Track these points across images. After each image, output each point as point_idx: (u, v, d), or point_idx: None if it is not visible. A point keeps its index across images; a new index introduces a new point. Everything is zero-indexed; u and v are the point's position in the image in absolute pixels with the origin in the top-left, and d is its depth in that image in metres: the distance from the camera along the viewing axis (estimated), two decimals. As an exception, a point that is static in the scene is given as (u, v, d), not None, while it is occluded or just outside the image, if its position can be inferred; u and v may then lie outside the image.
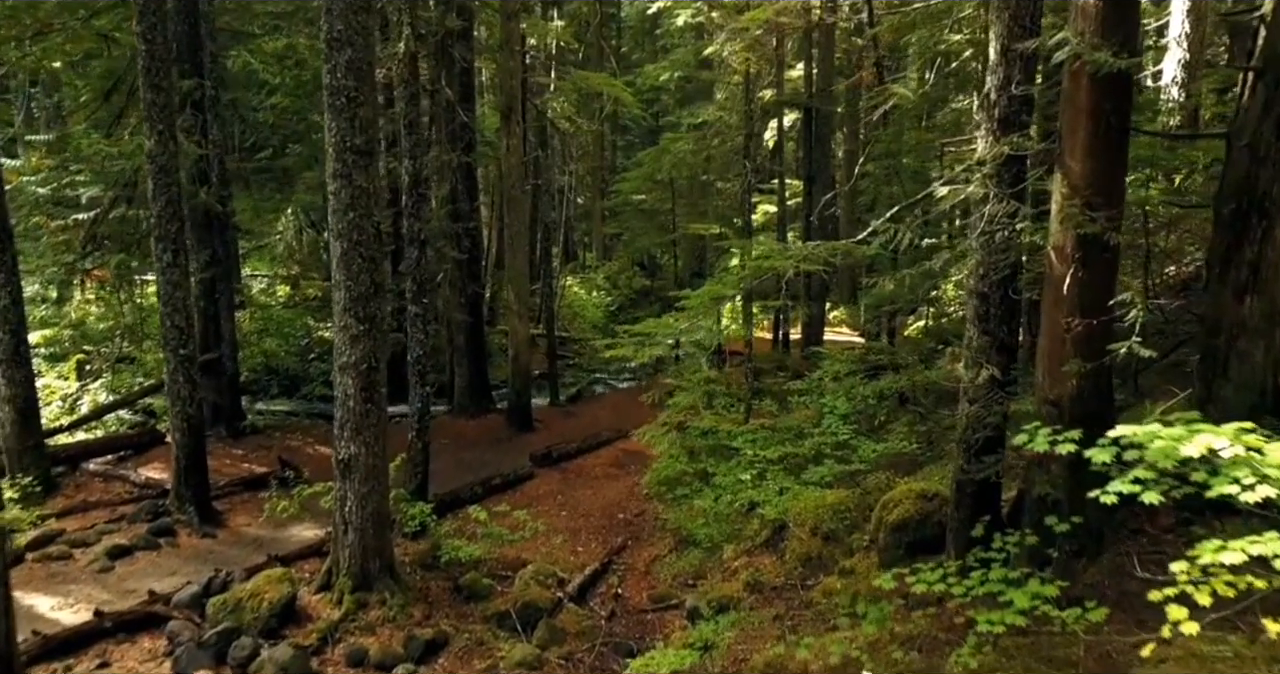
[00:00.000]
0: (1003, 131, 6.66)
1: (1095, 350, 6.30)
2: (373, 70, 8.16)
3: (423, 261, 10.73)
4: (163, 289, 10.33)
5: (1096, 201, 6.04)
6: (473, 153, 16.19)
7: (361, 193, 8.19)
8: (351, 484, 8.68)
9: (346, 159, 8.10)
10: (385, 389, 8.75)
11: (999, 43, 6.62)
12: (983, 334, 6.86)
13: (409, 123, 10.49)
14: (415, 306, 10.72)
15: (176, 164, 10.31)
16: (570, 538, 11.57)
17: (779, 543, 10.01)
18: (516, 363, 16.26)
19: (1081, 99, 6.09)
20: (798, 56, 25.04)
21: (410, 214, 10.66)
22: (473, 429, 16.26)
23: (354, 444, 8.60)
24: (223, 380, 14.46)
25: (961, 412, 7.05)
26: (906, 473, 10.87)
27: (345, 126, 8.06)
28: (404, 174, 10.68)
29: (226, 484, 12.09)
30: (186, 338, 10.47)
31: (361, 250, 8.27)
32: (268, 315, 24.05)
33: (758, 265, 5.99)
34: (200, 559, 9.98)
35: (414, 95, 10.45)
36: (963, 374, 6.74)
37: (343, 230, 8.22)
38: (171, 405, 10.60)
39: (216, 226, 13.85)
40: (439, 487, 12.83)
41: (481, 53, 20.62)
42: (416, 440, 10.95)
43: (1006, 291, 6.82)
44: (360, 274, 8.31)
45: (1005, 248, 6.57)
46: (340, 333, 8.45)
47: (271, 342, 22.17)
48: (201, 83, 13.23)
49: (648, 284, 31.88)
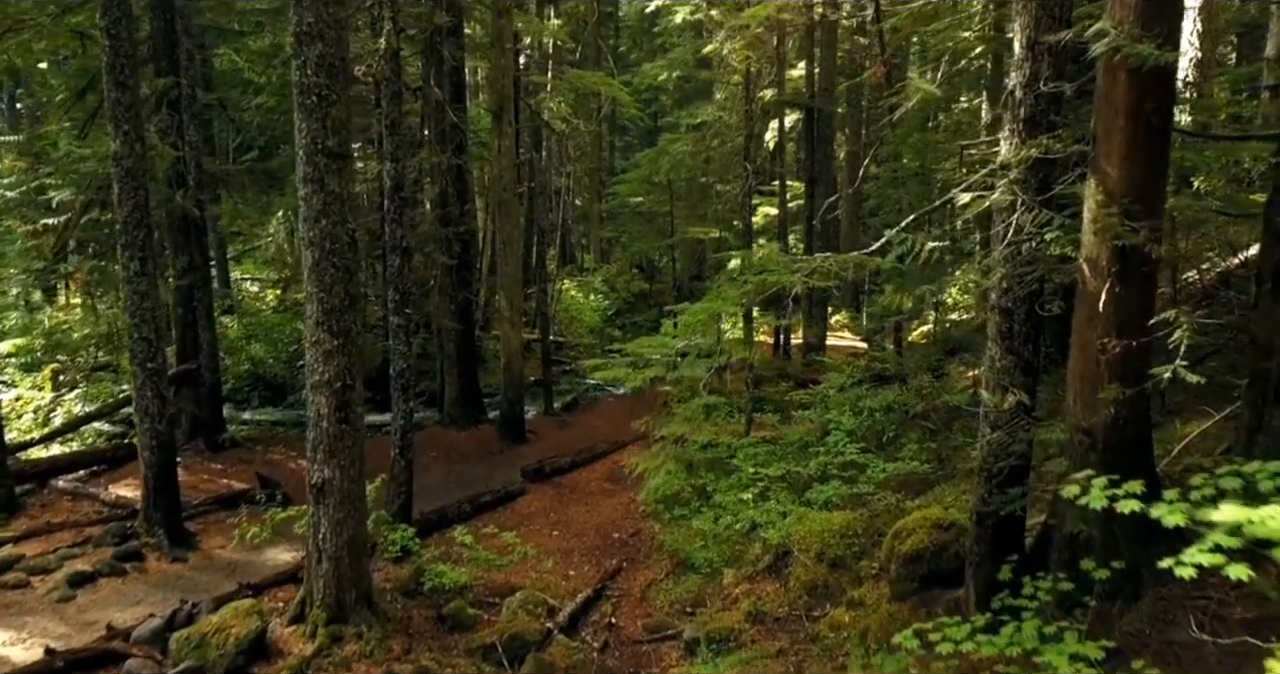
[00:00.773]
0: (1029, 132, 6.09)
1: (1134, 374, 5.73)
2: (346, 67, 7.59)
3: (406, 270, 10.16)
4: (130, 299, 9.76)
5: (1135, 210, 5.47)
6: (464, 154, 15.62)
7: (334, 198, 7.62)
8: (325, 510, 8.11)
9: (318, 162, 7.53)
10: (361, 408, 8.18)
11: (1025, 35, 6.05)
12: (1006, 353, 6.29)
13: (391, 123, 9.92)
14: (398, 317, 10.15)
15: (144, 167, 9.74)
16: (562, 560, 10.99)
17: (782, 569, 9.43)
18: (509, 372, 15.69)
19: (1119, 97, 5.52)
20: (799, 55, 24.48)
21: (392, 219, 10.09)
22: (463, 441, 15.69)
23: (327, 467, 8.03)
24: (201, 391, 13.89)
25: (982, 437, 6.48)
26: (916, 493, 10.32)
27: (316, 128, 7.49)
28: (385, 177, 10.10)
29: (201, 503, 11.51)
30: (155, 351, 9.90)
31: (335, 260, 7.70)
32: (256, 321, 23.50)
33: (761, 280, 5.43)
34: (168, 586, 9.41)
35: (396, 94, 9.88)
36: (985, 398, 6.17)
37: (314, 239, 7.65)
38: (140, 422, 10.03)
39: (194, 231, 13.28)
40: (426, 504, 12.27)
41: (475, 51, 20.06)
42: (399, 458, 10.39)
43: (1033, 307, 6.25)
44: (334, 285, 7.73)
45: (1032, 260, 6.00)
46: (312, 348, 7.88)
47: (259, 348, 21.60)
48: (178, 81, 12.66)
49: (646, 287, 31.29)
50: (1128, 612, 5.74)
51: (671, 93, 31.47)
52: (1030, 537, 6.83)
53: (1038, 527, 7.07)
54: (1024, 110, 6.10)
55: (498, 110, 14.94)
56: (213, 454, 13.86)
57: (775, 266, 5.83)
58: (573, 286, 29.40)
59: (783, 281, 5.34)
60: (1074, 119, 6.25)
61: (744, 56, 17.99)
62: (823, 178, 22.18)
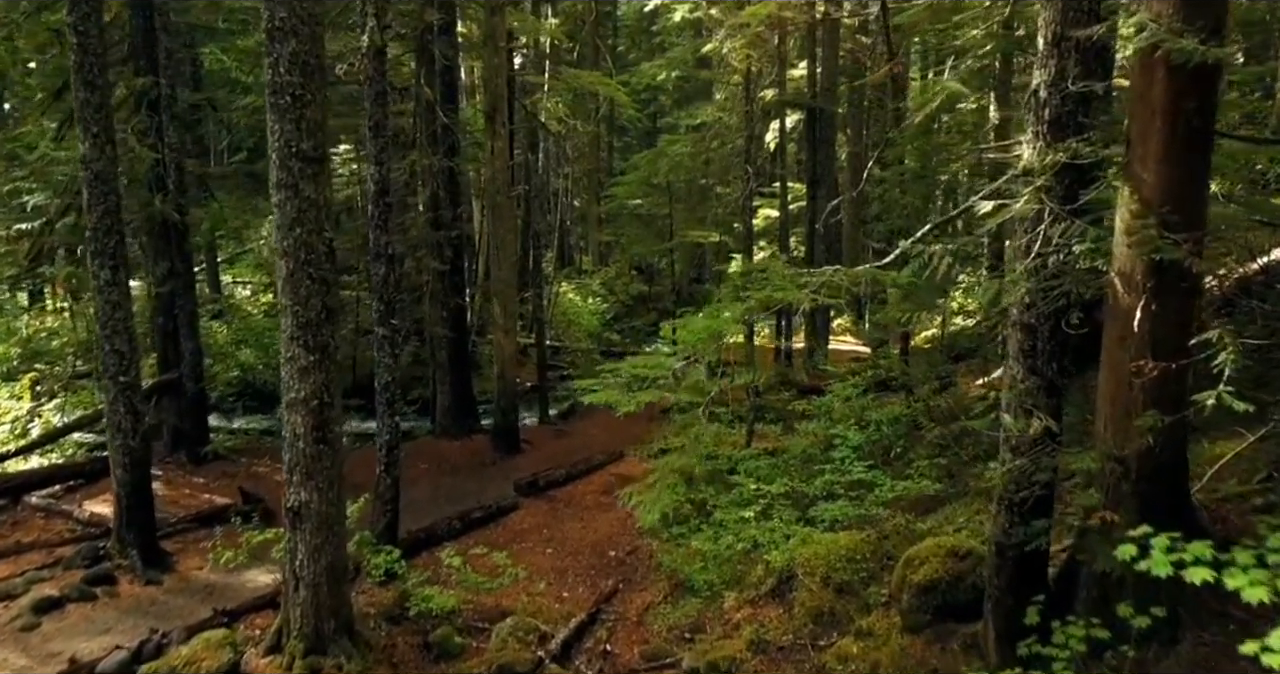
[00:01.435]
0: (1054, 135, 5.62)
1: (1171, 398, 5.27)
2: (322, 65, 7.14)
3: (391, 278, 9.69)
4: (101, 310, 9.30)
5: (1174, 220, 5.01)
6: (457, 156, 15.16)
7: (310, 205, 7.16)
8: (302, 535, 7.65)
9: (292, 167, 7.07)
10: (340, 427, 7.72)
11: (1050, 30, 5.58)
12: (1029, 373, 5.83)
13: (375, 125, 9.45)
14: (383, 328, 9.68)
15: (115, 170, 9.28)
16: (556, 581, 10.53)
17: (786, 593, 8.96)
18: (502, 380, 15.23)
19: (1156, 96, 5.06)
20: (800, 55, 24.02)
21: (377, 225, 9.62)
22: (456, 452, 15.22)
23: (304, 490, 7.57)
24: (183, 402, 13.42)
25: (1002, 463, 6.01)
26: (925, 510, 9.86)
27: (290, 130, 7.03)
28: (370, 181, 9.64)
29: (179, 520, 11.04)
30: (128, 364, 9.43)
31: (310, 271, 7.24)
32: (247, 325, 23.04)
33: (767, 296, 4.97)
34: (140, 612, 8.94)
35: (381, 94, 9.41)
36: (1007, 422, 5.70)
37: (289, 248, 7.19)
38: (112, 438, 9.56)
39: (175, 237, 12.80)
40: (415, 520, 11.80)
41: (470, 50, 19.60)
42: (385, 475, 9.93)
43: (1058, 324, 5.78)
44: (309, 298, 7.27)
45: (1058, 273, 5.54)
46: (287, 365, 7.42)
47: (249, 353, 21.16)
48: (157, 81, 12.19)
49: (645, 290, 30.84)
50: (1165, 658, 5.29)
51: (671, 93, 31.02)
52: (1052, 565, 6.38)
53: (1060, 553, 6.63)
54: (1049, 111, 5.63)
55: (491, 111, 14.47)
56: (195, 467, 13.39)
57: (780, 280, 5.37)
58: (570, 289, 28.94)
59: (790, 299, 4.88)
60: (1097, 122, 5.80)
61: (744, 56, 17.53)
62: (824, 180, 21.73)
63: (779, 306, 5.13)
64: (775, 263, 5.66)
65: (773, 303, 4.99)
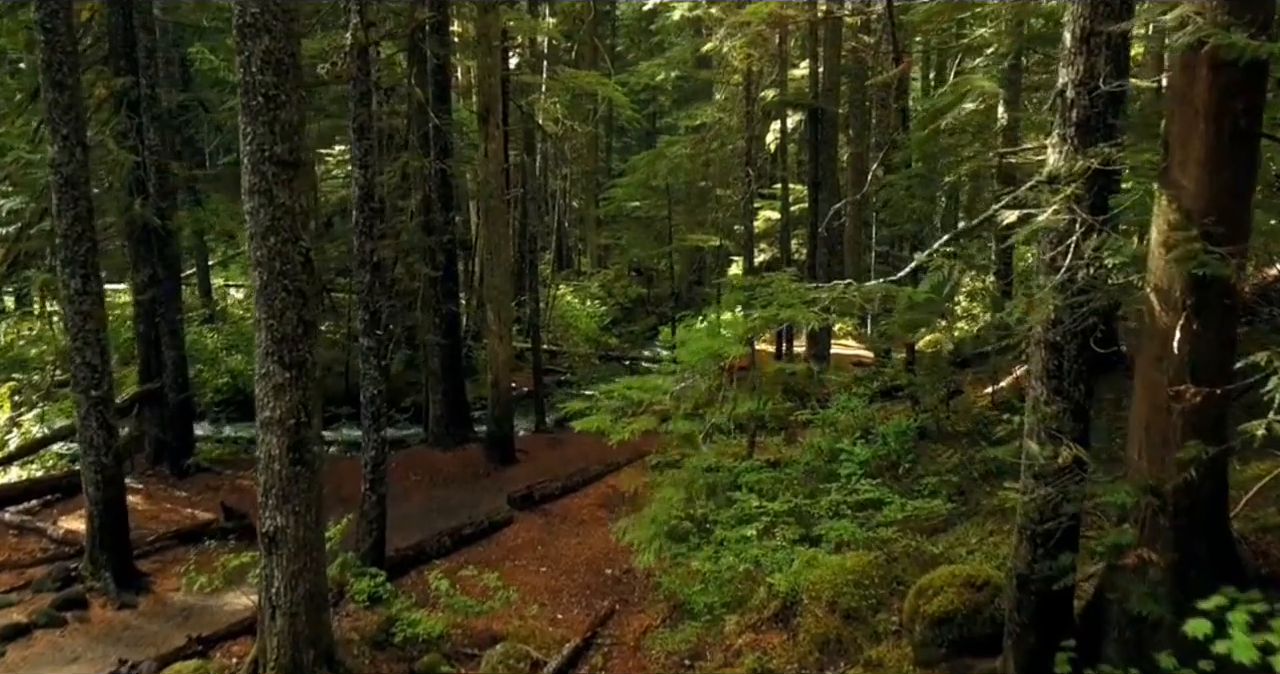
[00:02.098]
0: (1083, 139, 5.19)
1: (1211, 426, 4.85)
2: (297, 63, 6.71)
3: (376, 286, 9.27)
4: (71, 321, 8.88)
5: (1218, 232, 4.59)
6: (449, 158, 14.73)
7: (285, 212, 6.74)
8: (278, 561, 7.22)
9: (265, 172, 6.64)
10: (319, 447, 7.29)
11: (1079, 25, 5.15)
12: (1054, 395, 5.40)
13: (359, 126, 9.02)
14: (368, 338, 9.26)
15: (86, 175, 8.86)
16: (550, 601, 10.10)
17: (790, 618, 8.53)
18: (497, 388, 14.80)
19: (1199, 96, 4.64)
20: (802, 54, 23.58)
21: (361, 232, 9.19)
22: (449, 462, 14.79)
23: (280, 514, 7.14)
24: (166, 413, 12.97)
25: (1025, 491, 5.59)
26: (936, 530, 9.43)
27: (264, 132, 6.60)
28: (354, 186, 9.21)
29: (157, 538, 10.60)
30: (100, 377, 9.00)
31: (286, 282, 6.81)
32: (238, 329, 22.60)
33: (773, 314, 4.56)
34: (111, 639, 8.51)
35: (365, 94, 8.98)
36: (1033, 449, 5.27)
37: (263, 258, 6.77)
38: (84, 455, 9.14)
39: (156, 242, 12.37)
40: (404, 536, 11.37)
41: (464, 49, 19.17)
42: (370, 493, 9.50)
43: (1086, 342, 5.36)
44: (285, 311, 6.85)
45: (1088, 288, 5.11)
46: (262, 382, 7.00)
47: (240, 359, 20.72)
48: (137, 81, 11.75)
49: (644, 292, 30.40)
50: (1206, 708, 4.86)
51: (670, 93, 30.57)
52: (1077, 597, 5.95)
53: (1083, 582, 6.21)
54: (1077, 113, 5.21)
55: (484, 111, 14.05)
56: (178, 480, 12.96)
57: (787, 295, 4.94)
58: (569, 292, 28.50)
59: (798, 317, 4.45)
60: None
61: (745, 55, 17.12)
62: (826, 181, 21.29)
63: (786, 323, 4.71)
64: (781, 277, 5.23)
65: (779, 321, 4.57)
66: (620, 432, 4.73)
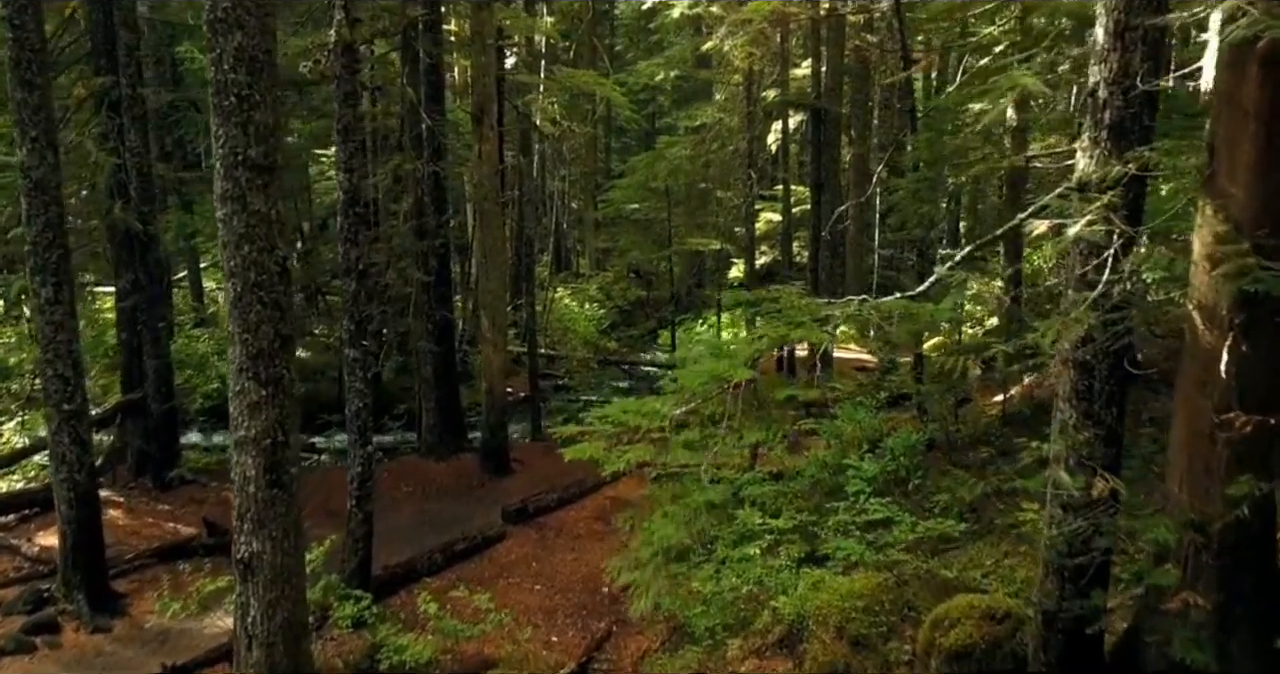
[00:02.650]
0: (1116, 142, 4.79)
1: (1259, 456, 4.46)
2: (272, 61, 6.31)
3: (361, 295, 8.86)
4: (42, 331, 8.47)
5: (1270, 244, 4.19)
6: (442, 160, 14.31)
7: (260, 220, 6.33)
8: (254, 589, 6.80)
9: (239, 177, 6.23)
10: (297, 468, 6.88)
11: (1113, 19, 4.75)
12: (1084, 419, 4.99)
13: (344, 128, 8.60)
14: (353, 350, 8.85)
15: (58, 179, 8.45)
16: (544, 622, 9.70)
17: (796, 644, 8.14)
18: (491, 396, 14.39)
19: (1248, 95, 4.24)
20: (804, 53, 23.17)
21: (346, 238, 8.79)
22: (442, 473, 14.37)
23: (256, 540, 6.73)
24: (148, 423, 12.56)
25: (1051, 522, 5.19)
26: (948, 549, 9.03)
27: (236, 135, 6.19)
28: (339, 190, 8.80)
29: (135, 556, 10.17)
30: (73, 390, 8.60)
31: (261, 294, 6.41)
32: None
33: (782, 334, 4.16)
34: (83, 666, 8.11)
35: (351, 95, 8.58)
36: (1063, 480, 4.86)
37: (236, 268, 6.36)
38: (55, 472, 8.74)
39: (139, 246, 11.95)
40: (394, 552, 10.97)
41: (459, 48, 18.76)
42: (357, 510, 9.10)
43: (1119, 362, 4.96)
44: (260, 325, 6.44)
45: (1123, 304, 4.71)
46: (236, 399, 6.59)
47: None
48: (117, 80, 11.34)
49: (643, 294, 29.97)
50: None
51: (669, 93, 30.13)
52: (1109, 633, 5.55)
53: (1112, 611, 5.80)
54: (1110, 114, 4.80)
55: (479, 112, 13.64)
56: (161, 493, 12.53)
57: (795, 311, 4.53)
58: (567, 295, 28.08)
59: (810, 337, 4.06)
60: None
61: (746, 54, 16.72)
62: (829, 183, 20.88)
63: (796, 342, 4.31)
64: (789, 291, 4.83)
65: (788, 341, 4.17)
66: (614, 462, 4.33)
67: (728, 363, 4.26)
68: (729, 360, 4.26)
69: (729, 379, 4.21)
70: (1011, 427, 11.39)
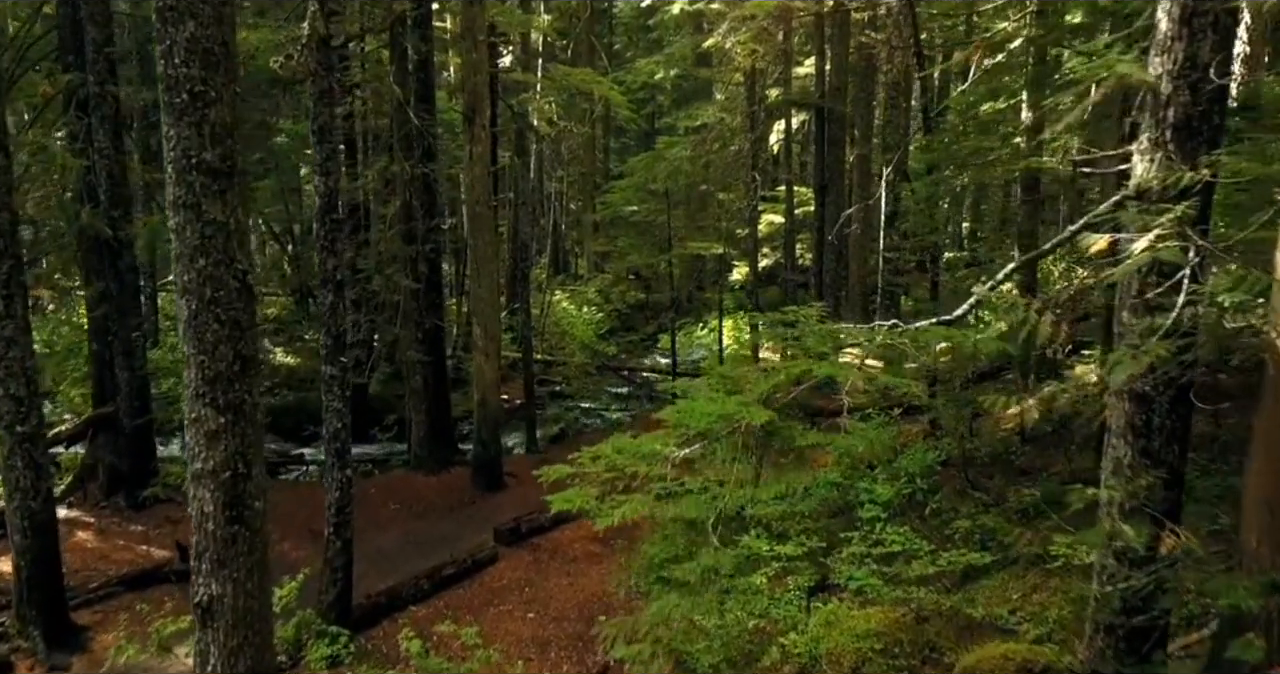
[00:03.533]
0: (1180, 144, 4.19)
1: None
2: (230, 54, 5.69)
3: (340, 307, 8.24)
4: (-9, 348, 7.84)
5: (1373, 264, 3.57)
6: (433, 162, 13.69)
7: (217, 230, 5.70)
8: (215, 635, 6.17)
9: (192, 182, 5.61)
10: (261, 503, 6.26)
11: (1178, 4, 4.14)
12: (1141, 458, 4.38)
13: (319, 129, 7.98)
14: (331, 367, 8.24)
15: (9, 183, 7.83)
16: (537, 655, 9.07)
17: (807, 685, 7.54)
18: (484, 407, 13.76)
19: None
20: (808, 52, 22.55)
21: (324, 246, 8.17)
22: (432, 488, 13.76)
23: (215, 582, 6.09)
24: (121, 439, 11.94)
25: (1101, 574, 4.58)
26: (969, 579, 8.42)
27: (189, 135, 5.57)
28: (315, 195, 8.18)
29: (100, 585, 9.55)
30: (27, 411, 7.98)
31: (219, 312, 5.78)
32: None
33: (803, 370, 3.55)
34: (35, 711, 7.50)
35: (326, 93, 7.95)
36: (1124, 533, 4.25)
37: (191, 284, 5.74)
38: (9, 500, 8.12)
39: (108, 253, 11.33)
40: (380, 574, 10.38)
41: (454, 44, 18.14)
42: (334, 538, 8.49)
43: (1183, 394, 4.34)
44: (218, 345, 5.82)
45: (1191, 331, 4.09)
46: (192, 428, 5.96)
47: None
48: (85, 78, 10.72)
49: (643, 297, 29.36)
50: None
51: (669, 92, 29.53)
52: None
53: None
54: (1174, 112, 4.19)
55: (469, 111, 13.01)
56: (135, 512, 11.92)
57: (817, 339, 3.93)
58: (565, 298, 27.46)
59: (834, 375, 3.45)
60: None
61: (749, 50, 16.10)
62: (834, 184, 20.31)
63: (815, 381, 3.72)
64: (809, 312, 4.22)
65: (809, 377, 3.56)
66: (607, 516, 3.73)
67: (738, 401, 3.64)
68: (739, 398, 3.64)
69: (739, 420, 3.60)
70: (1032, 444, 10.79)
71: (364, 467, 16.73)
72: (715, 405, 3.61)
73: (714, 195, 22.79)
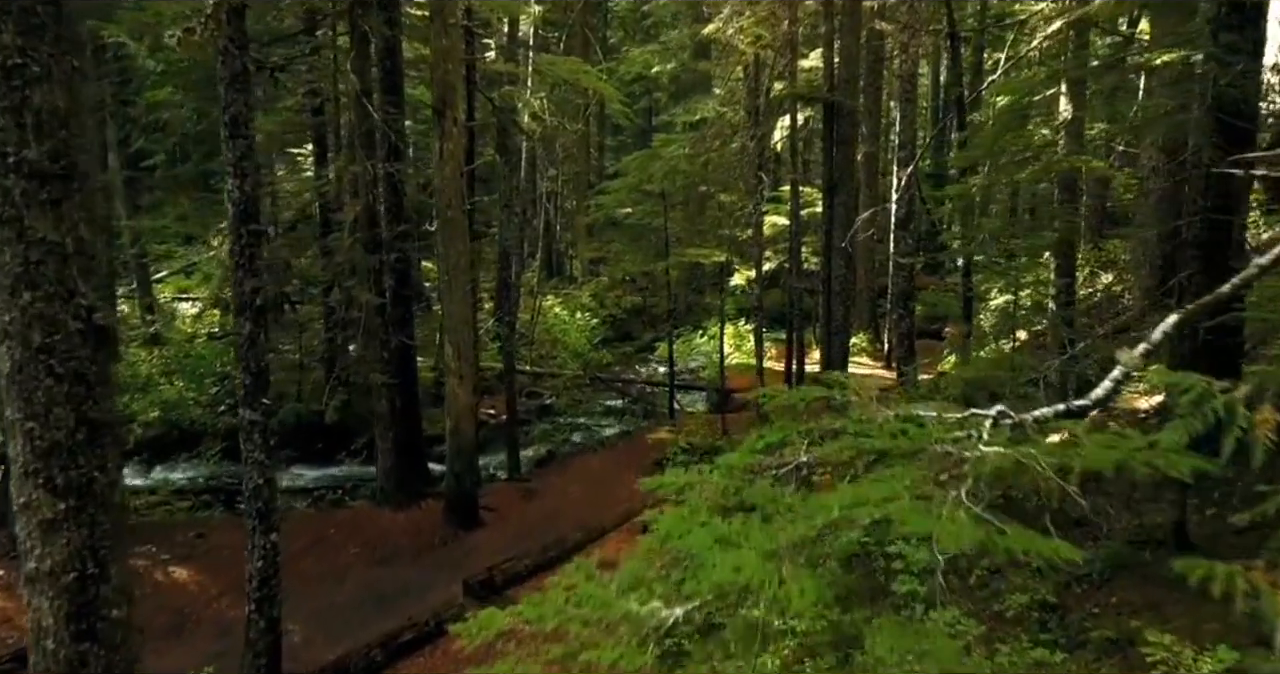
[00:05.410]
0: None
1: None
2: (62, 18, 4.23)
3: (260, 339, 6.76)
4: None
5: None
6: (401, 161, 12.24)
7: (47, 253, 4.25)
8: (64, 781, 4.73)
9: (11, 190, 4.16)
10: (121, 611, 4.79)
11: None
12: None
13: (231, 119, 6.51)
14: (251, 411, 6.76)
15: None
16: (504, 750, 7.61)
17: None
18: (457, 436, 12.30)
19: None
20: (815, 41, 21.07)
21: (241, 264, 6.69)
22: (398, 526, 12.29)
23: (61, 715, 4.65)
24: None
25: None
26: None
27: (5, 125, 4.12)
28: (227, 201, 6.70)
29: (12, 658, 8.08)
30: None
31: (52, 362, 4.33)
32: (183, 351, 20.11)
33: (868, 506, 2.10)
34: None
35: (240, 76, 6.48)
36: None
37: (13, 327, 4.28)
38: None
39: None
40: (328, 638, 8.96)
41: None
42: (257, 617, 7.03)
43: None
44: (52, 407, 4.36)
45: None
46: (23, 515, 4.50)
47: (177, 387, 18.25)
48: None
49: (639, 301, 27.95)
50: None
51: (666, 87, 28.09)
52: None
53: None
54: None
55: (440, 104, 11.54)
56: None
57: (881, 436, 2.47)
58: (557, 303, 26.01)
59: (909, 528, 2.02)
60: None
61: (753, 37, 14.63)
62: (844, 184, 18.79)
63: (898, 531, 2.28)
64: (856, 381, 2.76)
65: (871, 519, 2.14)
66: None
67: (753, 557, 2.19)
68: (751, 558, 2.19)
69: (748, 588, 2.17)
70: (1086, 487, 9.33)
71: (332, 494, 15.33)
72: (726, 573, 2.16)
73: (714, 196, 21.31)
